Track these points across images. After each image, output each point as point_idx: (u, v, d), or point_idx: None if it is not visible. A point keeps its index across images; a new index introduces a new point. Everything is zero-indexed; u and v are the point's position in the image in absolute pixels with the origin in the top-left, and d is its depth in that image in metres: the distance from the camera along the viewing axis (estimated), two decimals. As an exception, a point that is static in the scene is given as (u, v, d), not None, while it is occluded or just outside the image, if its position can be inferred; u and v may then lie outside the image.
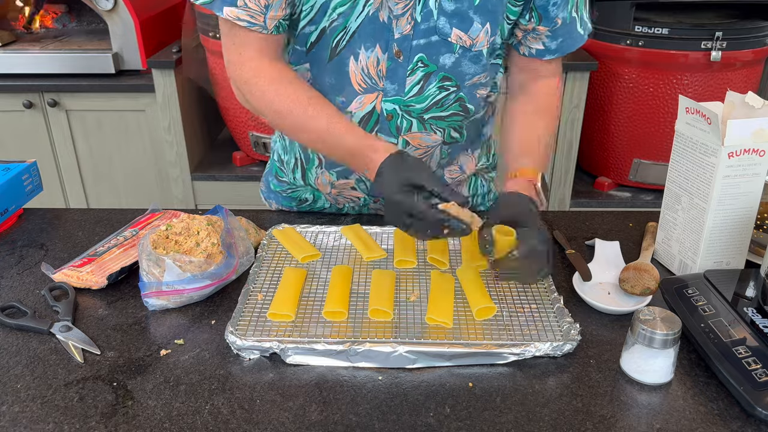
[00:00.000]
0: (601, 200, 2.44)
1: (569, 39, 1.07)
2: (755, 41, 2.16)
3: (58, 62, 2.26)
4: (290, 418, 0.73)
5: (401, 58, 1.00)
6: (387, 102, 1.03)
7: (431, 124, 1.06)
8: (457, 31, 0.98)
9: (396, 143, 1.06)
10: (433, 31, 0.98)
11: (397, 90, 1.02)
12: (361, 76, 1.01)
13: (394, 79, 1.01)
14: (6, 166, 1.18)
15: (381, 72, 1.01)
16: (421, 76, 1.01)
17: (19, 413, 0.74)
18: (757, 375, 0.75)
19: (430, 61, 1.00)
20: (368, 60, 1.00)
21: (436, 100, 1.04)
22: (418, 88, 1.02)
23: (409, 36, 0.98)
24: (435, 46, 0.99)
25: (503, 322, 0.88)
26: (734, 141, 0.90)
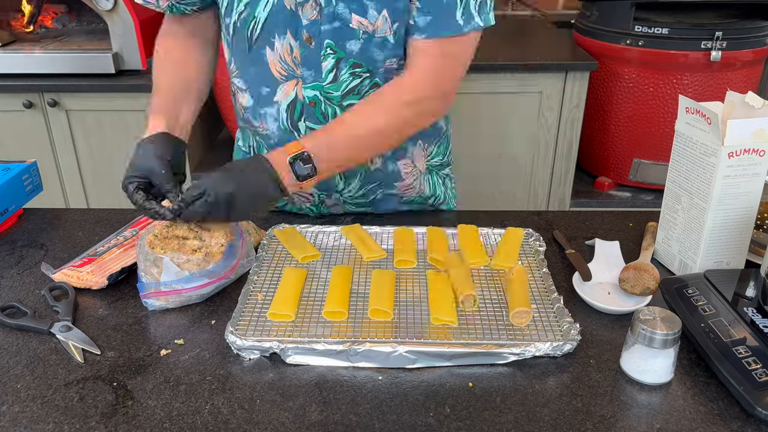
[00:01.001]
0: (601, 200, 2.44)
1: (441, 21, 0.97)
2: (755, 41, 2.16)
3: (58, 62, 2.25)
4: (290, 418, 0.73)
5: (313, 44, 1.01)
6: (307, 89, 1.05)
7: None
8: (356, 17, 0.99)
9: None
10: (334, 16, 0.99)
11: (314, 76, 1.04)
12: (280, 65, 1.04)
13: (310, 65, 1.03)
14: (6, 166, 1.18)
15: (296, 59, 1.03)
16: (333, 62, 1.03)
17: (19, 413, 0.74)
18: (757, 375, 0.75)
19: (338, 48, 1.01)
20: (282, 48, 1.02)
21: (351, 87, 1.05)
22: (332, 74, 1.03)
23: (317, 21, 0.99)
24: (340, 31, 1.00)
25: (503, 322, 0.88)
26: (734, 141, 0.90)
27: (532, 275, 0.98)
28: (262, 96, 1.09)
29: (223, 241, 0.96)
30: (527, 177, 2.40)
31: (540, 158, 2.36)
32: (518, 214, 1.21)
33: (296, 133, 1.09)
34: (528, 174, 2.40)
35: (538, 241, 1.07)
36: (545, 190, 2.43)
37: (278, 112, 1.09)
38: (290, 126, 1.09)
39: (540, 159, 2.36)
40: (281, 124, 1.10)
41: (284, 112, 1.08)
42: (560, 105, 2.26)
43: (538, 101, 2.26)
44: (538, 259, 1.02)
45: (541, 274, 0.99)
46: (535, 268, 1.00)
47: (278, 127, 1.10)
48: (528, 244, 1.07)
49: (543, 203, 2.45)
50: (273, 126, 1.11)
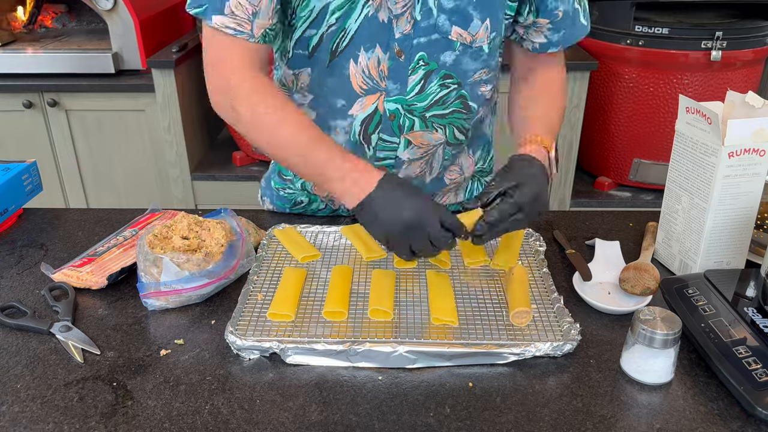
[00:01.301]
0: (601, 200, 2.44)
1: (572, 30, 1.07)
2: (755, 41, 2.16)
3: (58, 62, 2.26)
4: (290, 418, 0.73)
5: (402, 57, 1.00)
6: (389, 102, 1.03)
7: (433, 122, 1.06)
8: (457, 29, 0.99)
9: (398, 142, 1.07)
10: (433, 29, 0.98)
11: (399, 89, 1.02)
12: (362, 78, 1.01)
13: (396, 78, 1.01)
14: (6, 166, 1.18)
15: (383, 72, 1.01)
16: (423, 74, 1.02)
17: (19, 413, 0.74)
18: (757, 375, 0.75)
19: (431, 60, 1.01)
20: (369, 61, 1.00)
21: (438, 98, 1.04)
22: (419, 86, 1.02)
23: (410, 35, 0.98)
24: (436, 44, 1.00)
25: (503, 322, 0.88)
26: (734, 141, 0.90)
27: (532, 275, 0.98)
28: (335, 109, 1.05)
29: (223, 241, 0.96)
30: (527, 177, 2.40)
31: (540, 158, 2.36)
32: (518, 214, 1.21)
33: (365, 146, 1.07)
34: (528, 174, 2.39)
35: (538, 241, 1.07)
36: (545, 190, 2.43)
37: (351, 125, 1.06)
38: (361, 139, 1.07)
39: (540, 159, 2.36)
40: (352, 136, 1.07)
41: (358, 126, 1.05)
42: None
43: (538, 101, 2.25)
44: (538, 259, 1.02)
45: (541, 274, 0.99)
46: (535, 268, 1.00)
47: (347, 140, 1.07)
48: (528, 244, 1.07)
49: (543, 203, 2.45)
50: (341, 138, 1.07)
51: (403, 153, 1.09)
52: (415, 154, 1.09)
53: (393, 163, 1.10)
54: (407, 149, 1.08)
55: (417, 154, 1.10)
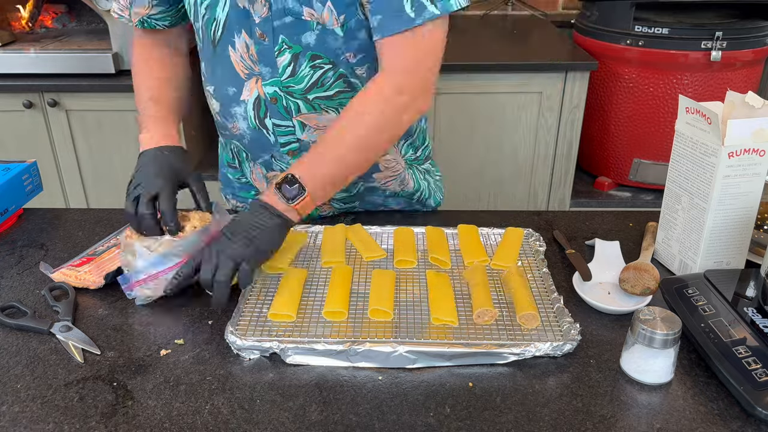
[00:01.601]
0: (601, 200, 2.44)
1: (391, 18, 0.95)
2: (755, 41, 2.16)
3: (58, 62, 2.25)
4: (290, 418, 0.73)
5: (266, 40, 1.02)
6: (266, 85, 1.06)
7: (319, 104, 1.07)
8: (308, 9, 0.99)
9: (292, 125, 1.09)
10: (285, 11, 1.00)
11: (271, 72, 1.05)
12: (242, 63, 1.06)
13: (266, 62, 1.04)
14: (6, 166, 1.18)
15: (253, 56, 1.04)
16: (290, 57, 1.03)
17: (19, 413, 0.74)
18: (757, 375, 0.75)
19: (293, 42, 1.02)
20: (241, 46, 1.04)
21: (315, 80, 1.05)
22: (290, 69, 1.04)
23: (268, 18, 1.00)
24: (293, 25, 1.01)
25: (503, 322, 0.88)
26: (734, 141, 0.90)
27: (532, 275, 0.98)
28: (229, 96, 1.10)
29: (198, 224, 0.97)
30: (527, 177, 2.40)
31: (540, 158, 2.36)
32: (518, 214, 1.21)
33: (264, 131, 1.10)
34: (528, 174, 2.40)
35: (538, 241, 1.07)
36: (545, 190, 2.43)
37: (246, 110, 1.10)
38: (258, 123, 1.10)
39: (540, 159, 2.36)
40: (250, 122, 1.10)
41: (251, 111, 1.09)
42: (560, 105, 2.26)
43: (538, 101, 2.26)
44: (538, 259, 1.02)
45: (541, 274, 0.99)
46: (535, 268, 1.00)
47: (248, 126, 1.11)
48: (528, 244, 1.07)
49: (543, 203, 2.45)
50: (243, 125, 1.12)
51: (303, 135, 1.10)
52: (315, 135, 1.10)
53: (297, 146, 1.12)
54: (305, 131, 1.09)
55: (318, 135, 1.10)
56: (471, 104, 2.26)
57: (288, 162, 1.14)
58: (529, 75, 2.21)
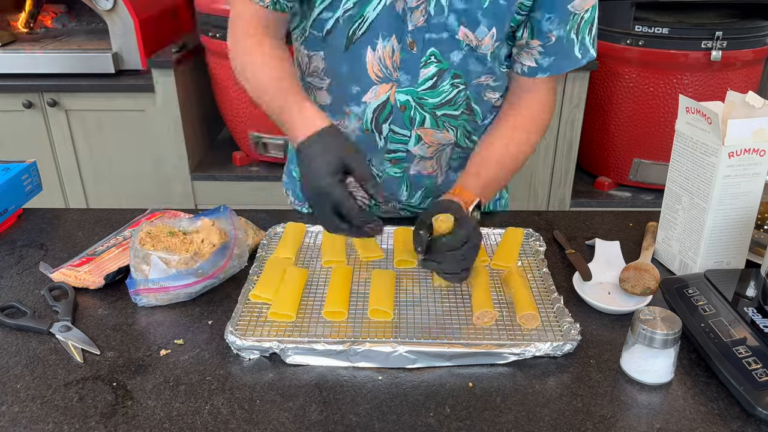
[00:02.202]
0: (601, 200, 2.44)
1: (563, 59, 1.04)
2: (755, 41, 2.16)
3: (58, 62, 2.26)
4: (290, 418, 0.73)
5: (415, 49, 1.01)
6: (401, 93, 1.04)
7: (444, 121, 1.08)
8: (464, 29, 0.99)
9: (409, 135, 1.08)
10: (443, 27, 0.99)
11: (410, 81, 1.04)
12: (378, 66, 1.03)
13: (408, 70, 1.03)
14: (6, 166, 1.18)
15: (395, 63, 1.02)
16: (435, 71, 1.03)
17: (19, 413, 0.74)
18: (757, 375, 0.75)
19: (443, 58, 1.02)
20: (384, 50, 1.01)
21: (449, 98, 1.06)
22: (431, 82, 1.04)
23: (423, 28, 0.99)
24: (445, 42, 1.01)
25: (503, 322, 0.88)
26: (734, 141, 0.90)
27: (532, 275, 0.98)
28: (350, 95, 1.06)
29: (216, 241, 0.96)
30: (527, 177, 2.40)
31: (540, 158, 2.36)
32: (518, 214, 1.21)
33: (377, 135, 1.09)
34: (528, 174, 2.40)
35: (538, 241, 1.07)
36: (545, 190, 2.43)
37: (364, 112, 1.07)
38: (373, 127, 1.08)
39: (540, 159, 2.36)
40: (365, 124, 1.08)
41: (370, 113, 1.07)
42: (560, 105, 2.26)
43: (538, 101, 2.25)
44: (538, 259, 1.02)
45: (541, 274, 0.98)
46: (535, 268, 1.00)
47: (360, 127, 1.09)
48: (528, 244, 1.07)
49: (543, 203, 2.45)
50: (354, 125, 1.09)
51: (414, 148, 1.10)
52: (426, 151, 1.11)
53: (404, 157, 1.11)
54: (418, 145, 1.09)
55: (427, 153, 1.11)
56: (471, 104, 2.26)
57: (385, 170, 1.13)
58: (529, 75, 2.21)
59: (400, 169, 1.13)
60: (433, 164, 1.13)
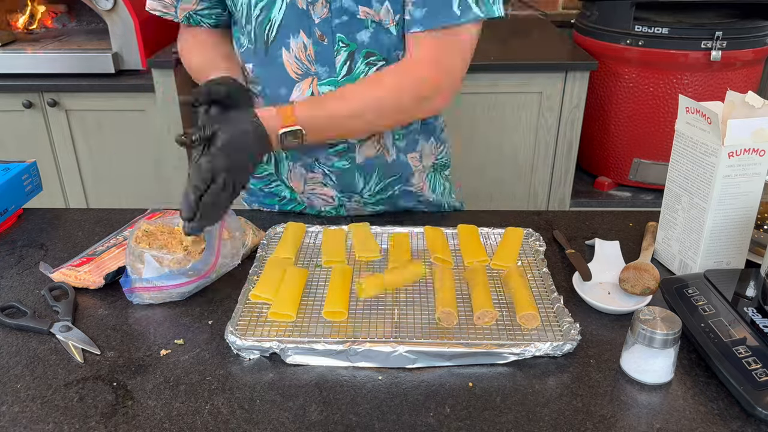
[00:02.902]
0: (601, 200, 2.45)
1: (437, 12, 0.98)
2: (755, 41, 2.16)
3: (58, 62, 2.25)
4: (290, 418, 0.73)
5: (325, 40, 1.03)
6: (322, 85, 1.06)
7: None
8: (363, 8, 1.01)
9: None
10: (343, 11, 1.01)
11: (329, 72, 1.05)
12: (295, 64, 1.06)
13: (324, 61, 1.05)
14: (6, 166, 1.18)
15: (310, 56, 1.05)
16: (346, 55, 1.04)
17: (19, 413, 0.74)
18: (757, 375, 0.75)
19: (349, 40, 1.03)
20: (297, 47, 1.04)
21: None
22: (347, 67, 1.05)
23: (328, 18, 1.01)
24: (349, 24, 1.02)
25: (503, 322, 0.88)
26: (734, 141, 0.90)
27: (532, 275, 0.98)
28: (280, 96, 1.09)
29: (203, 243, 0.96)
30: (527, 177, 2.40)
31: (540, 158, 2.36)
32: (518, 214, 1.21)
33: None
34: (528, 174, 2.40)
35: (538, 241, 1.07)
36: (545, 190, 2.43)
37: None
38: None
39: (540, 159, 2.36)
40: None
41: None
42: (560, 105, 2.26)
43: (538, 101, 2.26)
44: (538, 259, 1.02)
45: (541, 274, 0.99)
46: (535, 268, 1.00)
47: None
48: (528, 244, 1.07)
49: (543, 203, 2.45)
50: None
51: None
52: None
53: (345, 147, 1.12)
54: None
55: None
56: (471, 104, 2.26)
57: (333, 164, 1.14)
58: (529, 75, 2.21)
59: (348, 160, 1.14)
60: (374, 144, 1.13)
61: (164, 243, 0.94)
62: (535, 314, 0.87)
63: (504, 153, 2.36)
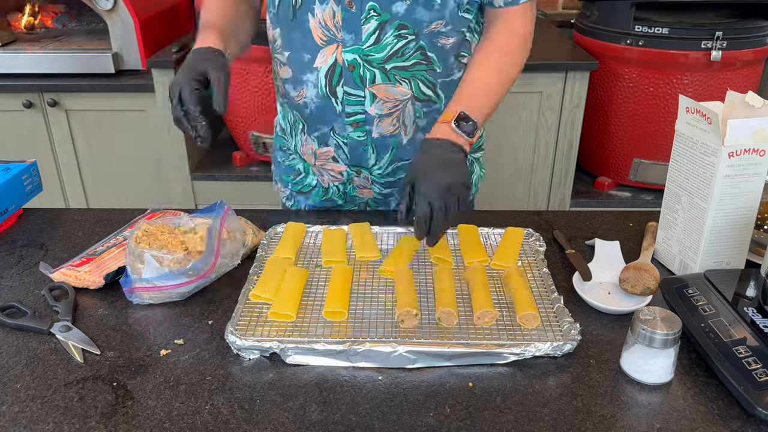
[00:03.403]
0: (601, 200, 2.44)
1: None
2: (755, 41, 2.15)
3: (58, 62, 2.25)
4: (290, 418, 0.73)
5: (353, 7, 1.03)
6: (347, 52, 1.06)
7: (395, 74, 1.08)
8: None
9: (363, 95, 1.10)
10: None
11: (354, 39, 1.05)
12: (321, 30, 1.06)
13: (350, 29, 1.05)
14: (6, 166, 1.18)
15: (338, 23, 1.05)
16: (376, 25, 1.04)
17: (19, 413, 0.74)
18: (757, 375, 0.75)
19: (383, 10, 1.03)
20: (324, 13, 1.04)
21: (396, 50, 1.06)
22: (374, 37, 1.05)
23: None
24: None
25: (503, 322, 0.88)
26: (734, 141, 0.90)
27: (532, 275, 0.98)
28: (303, 63, 1.10)
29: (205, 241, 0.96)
30: (527, 177, 2.40)
31: (540, 158, 2.36)
32: (518, 214, 1.21)
33: (333, 100, 1.11)
34: (528, 174, 2.40)
35: (538, 241, 1.07)
36: (545, 190, 2.43)
37: (317, 78, 1.10)
38: (328, 92, 1.10)
39: (540, 159, 2.36)
40: (320, 90, 1.10)
41: (323, 78, 1.09)
42: (560, 105, 2.26)
43: (538, 101, 2.26)
44: (538, 259, 1.02)
45: (541, 274, 0.99)
46: (535, 268, 1.00)
47: (317, 94, 1.11)
48: (528, 244, 1.07)
49: (543, 203, 2.45)
50: (312, 93, 1.12)
51: (371, 108, 1.10)
52: (383, 109, 1.11)
53: (363, 118, 1.12)
54: (374, 104, 1.10)
55: (384, 110, 1.11)
56: (471, 104, 2.26)
57: (348, 135, 1.14)
58: (529, 75, 2.21)
59: (363, 132, 1.13)
60: (393, 122, 1.12)
61: (164, 243, 0.94)
62: (535, 314, 0.87)
63: (504, 153, 2.35)
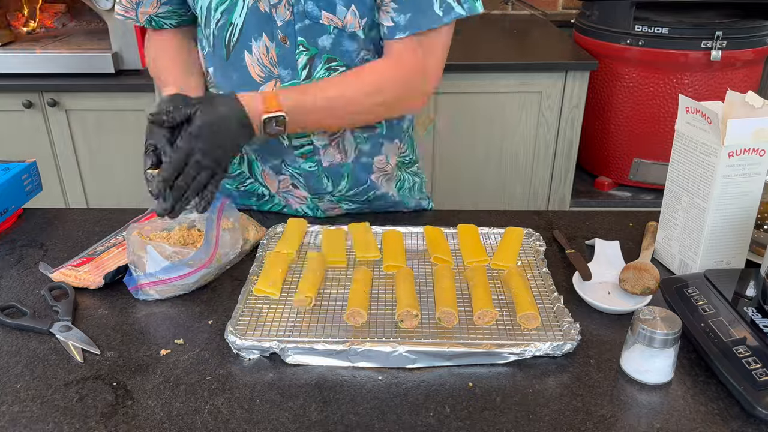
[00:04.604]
0: (601, 200, 2.44)
1: (420, 15, 0.99)
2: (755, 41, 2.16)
3: (58, 62, 2.25)
4: (290, 418, 0.73)
5: (287, 43, 1.03)
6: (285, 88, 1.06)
7: None
8: (326, 14, 1.01)
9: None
10: (305, 15, 1.01)
11: (291, 75, 1.05)
12: (258, 67, 1.06)
13: (286, 64, 1.05)
14: (6, 166, 1.18)
15: (273, 59, 1.05)
16: (306, 59, 1.04)
17: (18, 413, 0.74)
18: (757, 375, 0.75)
19: (310, 45, 1.03)
20: (259, 50, 1.04)
21: None
22: (306, 72, 1.05)
23: (291, 21, 1.01)
24: (311, 29, 1.02)
25: (503, 322, 0.88)
26: (734, 140, 0.90)
27: (532, 275, 0.98)
28: None
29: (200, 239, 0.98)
30: (527, 177, 2.40)
31: (540, 158, 2.36)
32: (518, 214, 1.21)
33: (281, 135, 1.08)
34: (528, 174, 2.40)
35: (538, 241, 1.07)
36: (545, 190, 2.43)
37: None
38: None
39: (540, 159, 2.36)
40: None
41: None
42: (560, 105, 2.26)
43: (538, 101, 2.26)
44: (538, 259, 1.02)
45: (541, 274, 0.99)
46: (535, 268, 1.00)
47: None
48: (528, 243, 1.07)
49: (543, 203, 2.45)
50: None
51: (315, 139, 1.11)
52: (325, 139, 1.11)
53: (311, 149, 1.12)
54: (316, 134, 1.10)
55: (326, 140, 1.11)
56: (471, 104, 2.26)
57: (300, 166, 1.14)
58: (529, 75, 2.21)
59: (314, 162, 1.14)
60: (337, 152, 1.13)
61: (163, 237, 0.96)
62: (535, 314, 0.87)
63: (504, 153, 2.35)
